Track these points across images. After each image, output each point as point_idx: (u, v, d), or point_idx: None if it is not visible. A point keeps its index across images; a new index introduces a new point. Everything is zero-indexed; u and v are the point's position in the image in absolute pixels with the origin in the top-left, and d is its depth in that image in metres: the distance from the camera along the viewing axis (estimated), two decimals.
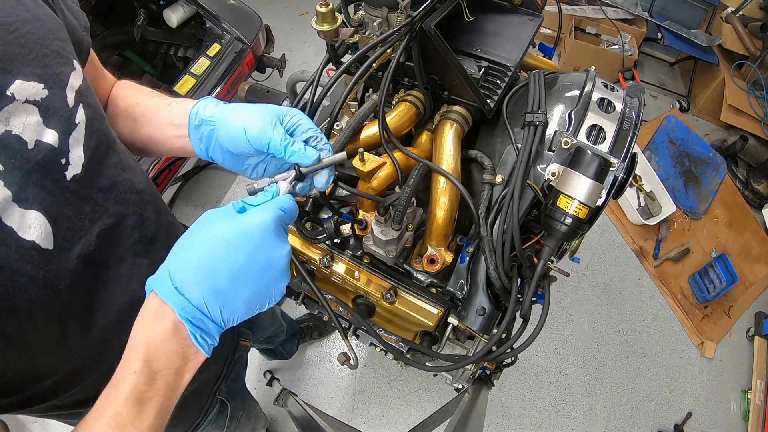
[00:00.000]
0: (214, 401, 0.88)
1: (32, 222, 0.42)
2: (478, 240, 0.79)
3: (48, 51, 0.46)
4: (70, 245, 0.46)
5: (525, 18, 0.95)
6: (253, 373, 1.89)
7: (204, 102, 0.59)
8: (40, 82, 0.44)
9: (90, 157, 0.49)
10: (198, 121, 0.58)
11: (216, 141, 0.57)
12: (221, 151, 0.58)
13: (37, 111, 0.43)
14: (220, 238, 0.43)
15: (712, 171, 2.58)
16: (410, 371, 1.93)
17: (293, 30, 3.03)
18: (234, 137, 0.55)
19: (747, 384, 2.12)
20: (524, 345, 0.76)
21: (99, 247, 0.51)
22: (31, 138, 0.42)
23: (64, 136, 0.46)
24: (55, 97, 0.45)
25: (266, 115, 0.54)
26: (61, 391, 0.53)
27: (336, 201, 0.92)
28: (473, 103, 0.84)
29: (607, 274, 2.32)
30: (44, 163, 0.44)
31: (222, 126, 0.56)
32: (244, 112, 0.55)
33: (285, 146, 0.52)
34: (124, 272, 0.55)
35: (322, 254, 0.89)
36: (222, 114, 0.56)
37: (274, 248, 0.45)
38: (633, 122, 0.77)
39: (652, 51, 3.25)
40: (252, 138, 0.53)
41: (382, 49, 0.68)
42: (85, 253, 0.48)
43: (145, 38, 2.18)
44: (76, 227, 0.47)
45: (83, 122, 0.49)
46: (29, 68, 0.43)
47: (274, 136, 0.52)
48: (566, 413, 1.96)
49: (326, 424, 1.26)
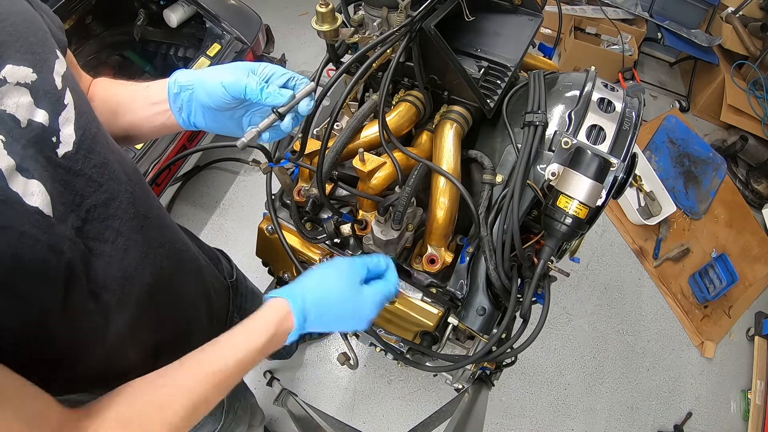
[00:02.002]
0: None
1: (35, 189, 0.44)
2: (478, 240, 0.79)
3: (34, 39, 0.48)
4: (64, 217, 0.48)
5: (525, 18, 0.95)
6: (253, 373, 1.89)
7: (180, 72, 0.63)
8: (29, 66, 0.46)
9: (81, 135, 0.51)
10: (177, 89, 0.62)
11: (196, 103, 0.62)
12: (203, 113, 0.63)
13: (28, 92, 0.45)
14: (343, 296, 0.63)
15: (712, 171, 2.58)
16: (410, 371, 1.93)
17: (293, 30, 3.03)
18: (212, 92, 0.59)
19: (747, 384, 2.12)
20: (524, 345, 0.76)
21: (91, 221, 0.52)
22: (23, 117, 0.45)
23: (54, 115, 0.48)
24: (44, 80, 0.48)
25: (240, 67, 0.60)
26: (64, 365, 0.54)
27: (336, 201, 0.92)
28: (473, 103, 0.84)
29: (607, 274, 2.32)
30: (37, 140, 0.46)
31: (200, 86, 0.61)
32: (218, 69, 0.60)
33: (260, 89, 0.58)
34: (120, 246, 0.56)
35: (322, 254, 0.88)
36: (199, 76, 0.61)
37: (362, 322, 0.65)
38: (633, 122, 0.77)
39: (652, 51, 3.25)
40: (228, 86, 0.58)
41: (382, 49, 0.68)
42: (76, 226, 0.50)
43: (145, 38, 2.18)
44: (67, 202, 0.49)
45: (72, 104, 0.51)
46: (18, 54, 0.45)
47: (249, 82, 0.58)
48: (566, 413, 1.96)
49: (326, 424, 1.26)
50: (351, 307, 0.63)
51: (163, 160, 1.77)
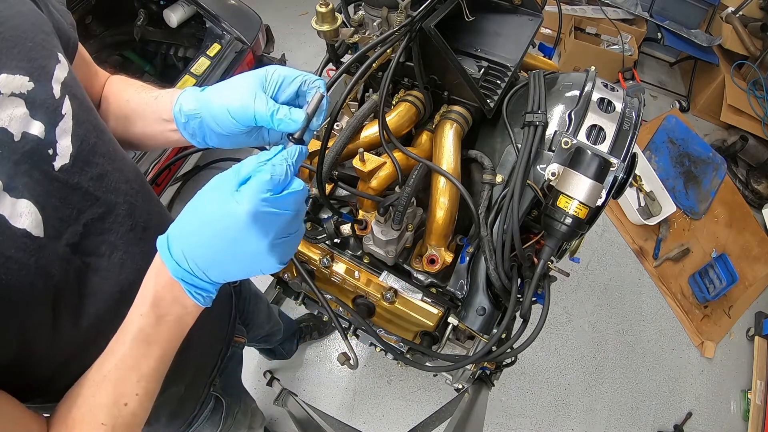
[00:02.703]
0: (209, 395, 0.88)
1: (23, 210, 0.43)
2: (478, 240, 0.79)
3: (33, 44, 0.47)
4: (58, 234, 0.47)
5: (525, 18, 0.95)
6: (253, 373, 1.89)
7: (184, 97, 0.57)
8: (26, 75, 0.45)
9: (79, 147, 0.50)
10: (184, 119, 0.57)
11: (208, 129, 0.56)
12: (217, 137, 0.57)
13: (24, 103, 0.44)
14: (211, 216, 0.44)
15: (712, 171, 2.58)
16: (410, 371, 1.93)
17: (293, 30, 3.03)
18: (220, 121, 0.53)
19: (747, 384, 2.12)
20: (524, 345, 0.76)
21: (88, 236, 0.51)
22: (17, 130, 0.43)
23: (51, 127, 0.47)
24: (41, 89, 0.46)
25: (244, 88, 0.51)
26: (59, 381, 0.53)
27: (336, 201, 0.92)
28: (473, 103, 0.84)
29: (607, 274, 2.32)
30: (31, 154, 0.44)
31: (207, 113, 0.55)
32: (223, 91, 0.53)
33: (271, 115, 0.50)
34: (116, 260, 0.55)
35: (322, 254, 0.88)
36: (204, 101, 0.55)
37: (250, 242, 0.44)
38: (633, 122, 0.77)
39: (652, 51, 3.25)
40: (236, 114, 0.51)
41: (382, 49, 0.68)
42: (72, 242, 0.49)
43: (145, 38, 2.18)
44: (63, 216, 0.48)
45: (70, 113, 0.49)
46: (14, 62, 0.44)
47: (258, 108, 0.50)
48: (566, 413, 1.96)
49: (326, 424, 1.26)
50: (224, 223, 0.43)
51: (163, 160, 1.77)
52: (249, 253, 0.45)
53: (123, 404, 0.48)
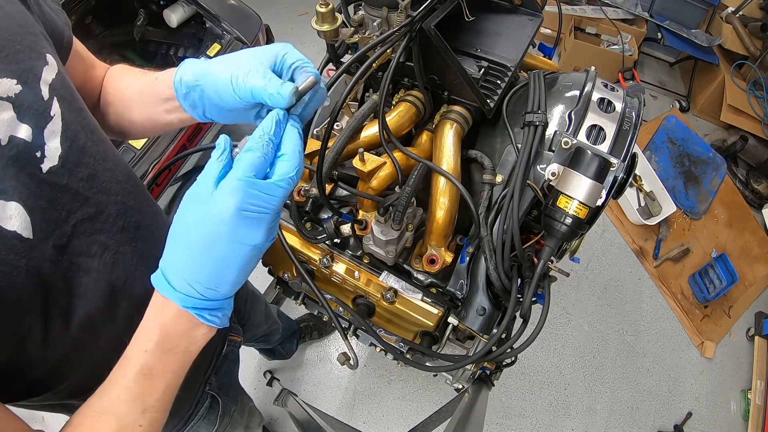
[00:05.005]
0: (205, 394, 0.88)
1: (12, 213, 0.43)
2: (478, 240, 0.79)
3: (21, 47, 0.46)
4: (46, 236, 0.47)
5: (525, 18, 0.95)
6: (253, 373, 1.89)
7: (184, 66, 0.55)
8: (14, 77, 0.44)
9: (68, 148, 0.49)
10: (185, 89, 0.55)
11: (208, 101, 0.54)
12: (217, 111, 0.55)
13: (11, 107, 0.44)
14: (198, 230, 0.42)
15: (712, 171, 2.58)
16: (410, 371, 1.93)
17: (293, 30, 3.03)
18: (222, 94, 0.50)
19: (747, 384, 2.12)
20: (524, 345, 0.75)
21: (78, 237, 0.51)
22: (4, 134, 0.43)
23: (39, 129, 0.46)
24: (29, 92, 0.46)
25: (253, 60, 0.49)
26: (52, 384, 0.53)
27: (336, 201, 0.92)
28: (473, 103, 0.84)
29: (607, 274, 2.32)
30: (18, 158, 0.44)
31: (210, 84, 0.52)
32: (228, 64, 0.51)
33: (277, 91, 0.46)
34: (108, 260, 0.55)
35: (322, 254, 0.88)
36: (206, 71, 0.52)
37: (249, 237, 0.43)
38: (633, 122, 0.77)
39: (652, 51, 3.25)
40: (238, 90, 0.49)
41: (382, 49, 0.68)
42: (59, 243, 0.49)
43: (145, 38, 2.18)
44: (52, 219, 0.48)
45: (59, 115, 0.49)
46: (2, 65, 0.44)
47: (253, 82, 0.47)
48: (566, 413, 1.96)
49: (326, 424, 1.26)
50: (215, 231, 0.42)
51: (163, 160, 1.77)
52: (251, 247, 0.44)
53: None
